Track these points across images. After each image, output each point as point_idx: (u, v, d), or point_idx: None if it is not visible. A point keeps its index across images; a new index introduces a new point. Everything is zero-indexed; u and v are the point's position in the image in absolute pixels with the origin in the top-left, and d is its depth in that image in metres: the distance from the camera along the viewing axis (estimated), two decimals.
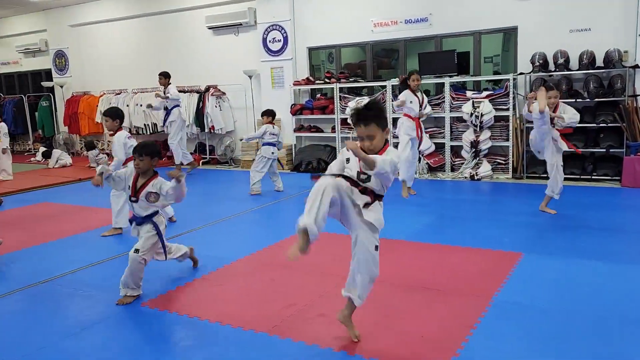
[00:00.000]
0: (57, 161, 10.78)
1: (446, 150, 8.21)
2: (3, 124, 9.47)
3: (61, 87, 12.98)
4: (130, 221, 3.90)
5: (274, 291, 3.80)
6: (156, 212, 3.81)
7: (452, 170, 8.19)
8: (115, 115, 5.38)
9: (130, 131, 10.86)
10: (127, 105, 11.10)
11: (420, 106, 6.53)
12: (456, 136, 8.15)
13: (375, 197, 2.79)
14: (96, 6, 12.02)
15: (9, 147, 9.42)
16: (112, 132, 5.45)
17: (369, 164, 2.58)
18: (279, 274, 4.15)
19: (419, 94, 6.55)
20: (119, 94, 11.68)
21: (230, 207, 6.69)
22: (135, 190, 3.76)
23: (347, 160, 2.82)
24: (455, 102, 8.07)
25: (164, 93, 8.92)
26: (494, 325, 3.09)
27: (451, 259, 4.33)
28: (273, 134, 7.21)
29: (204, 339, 3.12)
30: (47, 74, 13.56)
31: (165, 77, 9.04)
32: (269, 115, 7.35)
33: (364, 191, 2.76)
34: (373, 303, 3.47)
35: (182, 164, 9.26)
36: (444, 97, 8.11)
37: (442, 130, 8.19)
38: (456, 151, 8.27)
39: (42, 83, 13.29)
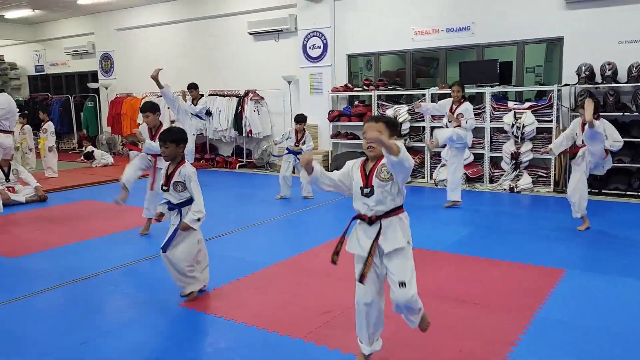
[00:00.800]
0: (100, 160, 11.11)
1: (485, 160, 8.06)
2: (50, 122, 9.82)
3: (106, 88, 13.38)
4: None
5: (310, 297, 3.79)
6: (189, 201, 3.69)
7: (491, 181, 8.03)
8: (154, 108, 5.31)
9: None
10: (168, 108, 11.29)
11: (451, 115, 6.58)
12: (496, 147, 8.00)
13: (389, 213, 2.64)
14: (142, 11, 12.35)
15: (55, 146, 9.74)
16: (155, 129, 5.37)
17: (393, 149, 2.41)
18: (314, 281, 4.15)
19: (454, 105, 6.50)
20: (160, 96, 11.90)
21: (265, 211, 6.74)
22: (167, 178, 3.70)
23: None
24: (496, 113, 7.92)
25: (194, 103, 8.98)
26: (536, 343, 3.00)
27: (490, 272, 4.24)
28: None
29: (239, 342, 3.14)
30: (93, 76, 14.00)
31: (195, 88, 9.14)
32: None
33: (370, 222, 2.64)
34: None
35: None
36: (484, 107, 7.98)
37: (482, 141, 8.05)
38: (495, 162, 8.12)
39: (88, 84, 13.73)
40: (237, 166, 10.76)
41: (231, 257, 4.82)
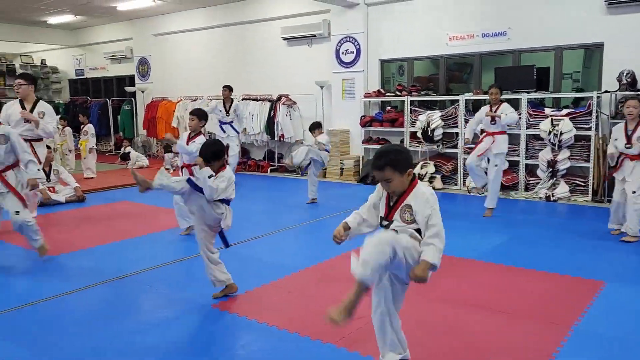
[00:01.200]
0: (135, 162, 11.37)
1: (520, 168, 7.91)
2: (90, 125, 10.10)
3: (142, 92, 13.69)
4: None
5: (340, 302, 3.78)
6: (228, 201, 3.82)
7: (526, 189, 7.87)
8: (202, 115, 5.54)
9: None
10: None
11: (492, 120, 6.33)
12: (532, 154, 7.84)
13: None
14: (178, 16, 12.61)
15: (95, 147, 10.02)
16: (193, 134, 5.53)
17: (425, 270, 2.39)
18: (347, 286, 4.12)
19: (495, 107, 6.37)
20: (195, 100, 12.15)
21: (297, 215, 6.76)
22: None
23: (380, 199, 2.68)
24: (532, 119, 7.77)
25: (226, 106, 9.16)
26: (574, 357, 2.92)
27: (525, 282, 4.15)
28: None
29: (272, 345, 3.15)
30: (131, 80, 14.35)
31: (230, 89, 9.28)
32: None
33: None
34: (441, 323, 3.40)
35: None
36: (520, 114, 7.83)
37: (517, 148, 7.90)
38: (531, 170, 7.95)
39: (126, 88, 14.07)
40: (269, 170, 10.84)
41: (263, 260, 4.86)
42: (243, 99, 11.08)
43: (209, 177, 3.62)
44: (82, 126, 10.04)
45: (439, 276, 4.28)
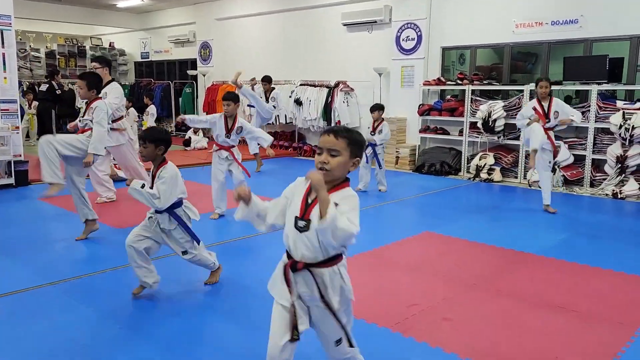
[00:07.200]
0: (195, 145, 11.72)
1: (586, 163, 7.57)
2: (153, 106, 10.49)
3: (203, 75, 14.03)
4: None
5: (396, 289, 3.79)
6: (178, 204, 3.63)
7: (592, 185, 7.54)
8: (236, 99, 5.72)
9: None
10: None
11: (547, 116, 6.06)
12: (600, 149, 7.49)
13: (324, 263, 2.11)
14: (240, 1, 12.79)
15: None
16: (230, 115, 5.66)
17: (324, 206, 1.89)
18: (402, 273, 4.13)
19: (546, 103, 6.11)
20: (254, 84, 12.32)
21: None
22: (152, 179, 3.56)
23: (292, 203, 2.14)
24: (602, 112, 7.41)
25: (267, 96, 9.40)
26: None
27: (590, 280, 4.00)
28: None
29: None
30: (192, 63, 14.72)
31: (269, 82, 9.44)
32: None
33: (295, 269, 2.10)
34: (503, 318, 3.34)
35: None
36: (589, 106, 7.49)
37: (584, 142, 7.57)
38: (598, 165, 7.61)
39: (188, 71, 14.46)
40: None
41: None
42: (301, 85, 11.16)
43: (142, 187, 3.34)
44: (146, 108, 10.42)
45: (498, 270, 4.21)
